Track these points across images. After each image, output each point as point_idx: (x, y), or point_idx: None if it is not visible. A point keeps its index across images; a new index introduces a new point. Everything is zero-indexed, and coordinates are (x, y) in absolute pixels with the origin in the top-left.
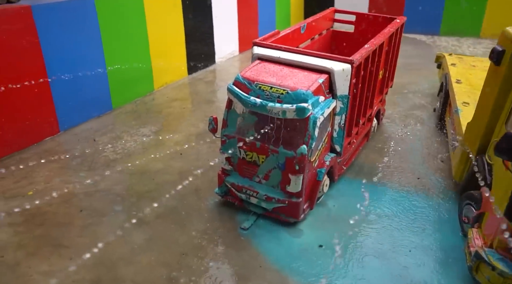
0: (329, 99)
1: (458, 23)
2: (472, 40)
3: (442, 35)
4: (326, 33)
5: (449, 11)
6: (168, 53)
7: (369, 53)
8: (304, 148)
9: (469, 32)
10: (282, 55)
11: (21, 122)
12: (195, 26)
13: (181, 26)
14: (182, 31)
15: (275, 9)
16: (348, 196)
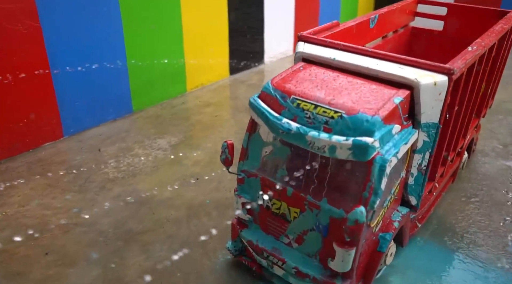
0: (408, 130)
1: None
2: None
3: None
4: (403, 31)
5: None
6: (207, 49)
7: (475, 59)
8: (360, 212)
9: None
10: (340, 57)
11: (15, 124)
12: (242, 18)
13: (224, 17)
14: (226, 23)
15: (340, 2)
16: (422, 272)
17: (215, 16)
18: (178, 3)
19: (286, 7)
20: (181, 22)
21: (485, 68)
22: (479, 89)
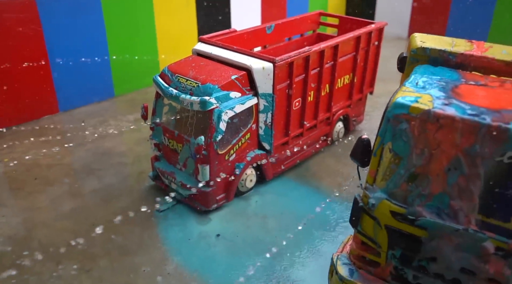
0: (247, 96)
1: (508, 31)
2: None
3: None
4: (310, 35)
5: (498, 20)
6: (177, 48)
7: (306, 55)
8: (200, 139)
9: None
10: (214, 52)
11: (23, 100)
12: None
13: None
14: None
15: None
16: (276, 195)
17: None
18: (151, 10)
19: (252, 5)
20: (154, 25)
21: (333, 62)
22: (327, 77)
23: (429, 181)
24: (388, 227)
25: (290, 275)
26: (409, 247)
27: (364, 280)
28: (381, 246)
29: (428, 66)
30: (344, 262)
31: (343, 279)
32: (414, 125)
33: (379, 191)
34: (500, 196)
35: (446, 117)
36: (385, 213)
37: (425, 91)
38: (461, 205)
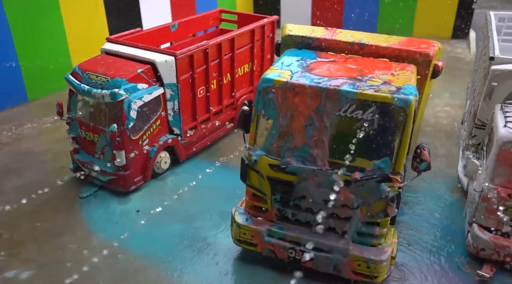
0: (153, 87)
1: (392, 24)
2: None
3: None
4: (214, 30)
5: (383, 13)
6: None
7: (205, 48)
8: (113, 126)
9: (403, 32)
10: (121, 49)
11: None
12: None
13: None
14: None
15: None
16: (189, 173)
17: (95, 22)
18: (59, 15)
19: (162, 4)
20: (64, 30)
21: (232, 53)
22: (227, 67)
23: (293, 137)
24: (269, 177)
25: (204, 234)
26: (286, 190)
27: (257, 223)
28: (266, 194)
29: (294, 50)
30: (240, 212)
31: (240, 225)
32: (278, 94)
33: (259, 150)
34: (345, 141)
35: (299, 85)
36: (265, 166)
37: (287, 68)
38: (317, 152)
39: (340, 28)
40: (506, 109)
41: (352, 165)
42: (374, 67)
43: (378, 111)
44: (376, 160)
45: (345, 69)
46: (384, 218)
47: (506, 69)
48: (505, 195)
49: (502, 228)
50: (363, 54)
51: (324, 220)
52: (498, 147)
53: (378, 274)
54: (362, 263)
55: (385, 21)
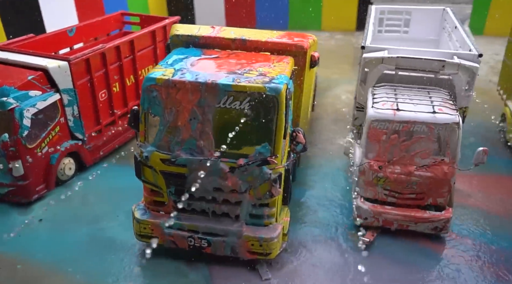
0: (48, 93)
1: (302, 19)
2: (314, 33)
3: (290, 29)
4: (118, 33)
5: (293, 10)
6: None
7: (101, 52)
8: (4, 136)
9: (312, 27)
10: (10, 57)
11: None
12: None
13: None
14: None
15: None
16: (97, 177)
17: None
18: None
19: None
20: None
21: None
22: (130, 68)
23: (180, 131)
24: (162, 172)
25: (109, 234)
26: (179, 183)
27: (155, 217)
28: (162, 188)
29: (182, 48)
30: (140, 208)
31: (139, 220)
32: (161, 92)
33: (150, 146)
34: (228, 131)
35: (180, 82)
36: (157, 161)
37: (171, 67)
38: (203, 143)
39: (254, 26)
40: (375, 92)
41: (238, 152)
42: (254, 60)
43: (254, 101)
44: (257, 146)
45: (226, 64)
46: (270, 198)
47: (374, 56)
48: (376, 168)
49: (379, 197)
50: (245, 49)
51: (217, 206)
52: (368, 125)
53: (270, 251)
54: (255, 242)
55: (295, 17)
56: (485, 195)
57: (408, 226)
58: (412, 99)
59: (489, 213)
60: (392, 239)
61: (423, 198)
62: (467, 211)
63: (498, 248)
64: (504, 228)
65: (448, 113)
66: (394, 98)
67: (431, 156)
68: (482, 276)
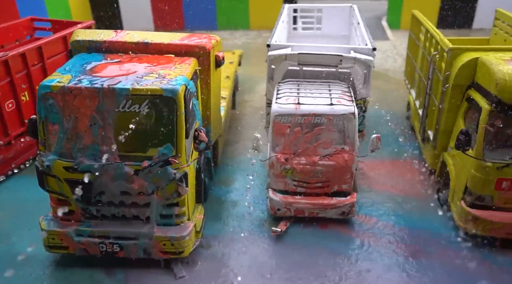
0: None
1: (230, 18)
2: (242, 32)
3: (220, 29)
4: (29, 39)
5: (220, 9)
6: None
7: (4, 60)
8: None
9: (241, 25)
10: None
11: None
12: None
13: None
14: None
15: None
16: (9, 191)
17: None
18: None
19: None
20: None
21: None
22: (22, 78)
23: (81, 137)
24: (67, 180)
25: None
26: (85, 189)
27: (63, 226)
28: (68, 196)
29: (83, 54)
30: (47, 219)
31: (47, 231)
32: (58, 99)
33: (51, 154)
34: (131, 134)
35: (76, 88)
36: (60, 170)
37: (68, 73)
38: (106, 148)
39: (182, 27)
40: (279, 88)
41: (144, 155)
42: (156, 63)
43: (152, 103)
44: (160, 147)
45: (127, 68)
46: (178, 197)
47: (278, 53)
48: (283, 160)
49: (289, 188)
50: (149, 52)
51: (126, 209)
52: (273, 120)
53: (183, 249)
54: (166, 242)
55: (223, 17)
56: (391, 178)
57: (318, 213)
58: (313, 93)
59: (394, 194)
60: (304, 227)
61: (329, 186)
62: (375, 194)
63: (401, 226)
64: (407, 207)
65: (344, 104)
66: (296, 93)
67: (333, 145)
68: (387, 252)
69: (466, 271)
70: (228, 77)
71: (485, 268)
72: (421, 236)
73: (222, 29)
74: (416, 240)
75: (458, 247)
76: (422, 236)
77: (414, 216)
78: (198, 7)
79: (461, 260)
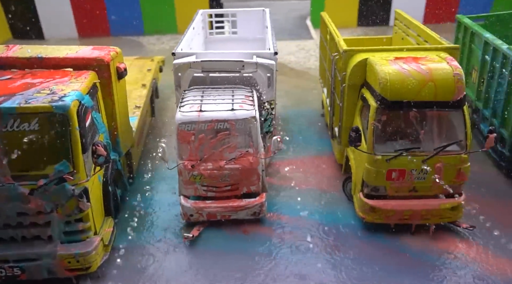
0: None
1: (157, 22)
2: (171, 36)
3: (147, 34)
4: None
5: (146, 14)
6: None
7: None
8: None
9: (168, 30)
10: None
11: None
12: None
13: None
14: None
15: None
16: None
17: None
18: None
19: None
20: None
21: None
22: None
23: None
24: None
25: None
26: None
27: None
28: None
29: None
30: None
31: None
32: None
33: None
34: (24, 154)
35: None
36: None
37: None
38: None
39: (108, 34)
40: (184, 96)
41: (41, 173)
42: (51, 78)
43: (44, 120)
44: (56, 164)
45: (17, 86)
46: (80, 213)
47: (182, 62)
48: (190, 167)
49: (200, 193)
50: (44, 67)
51: (26, 230)
52: (177, 128)
53: (90, 264)
54: (71, 259)
55: (150, 21)
56: (305, 174)
57: (230, 215)
58: (216, 99)
59: (307, 190)
60: (218, 230)
61: (238, 188)
62: (289, 191)
63: (313, 221)
64: (319, 202)
65: (246, 109)
66: (200, 100)
67: (237, 149)
68: (300, 248)
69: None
70: (144, 85)
71: (387, 254)
72: (331, 230)
73: (149, 34)
74: (328, 233)
75: (366, 237)
76: (333, 229)
77: (325, 210)
78: (123, 13)
79: (370, 249)
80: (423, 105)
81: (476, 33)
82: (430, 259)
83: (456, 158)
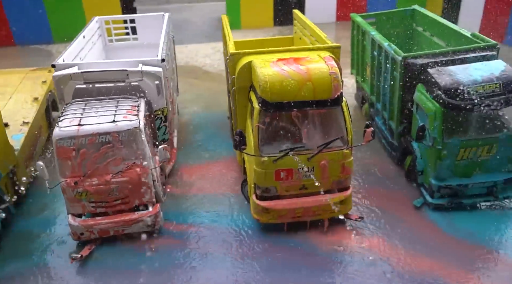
0: None
1: (67, 29)
2: None
3: (56, 42)
4: None
5: (53, 19)
6: None
7: None
8: None
9: None
10: None
11: None
12: None
13: None
14: None
15: None
16: None
17: None
18: None
19: None
20: None
21: None
22: None
23: None
24: None
25: None
26: None
27: None
28: None
29: None
30: None
31: None
32: None
33: None
34: None
35: None
36: None
37: None
38: None
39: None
40: (63, 110)
41: None
42: None
43: None
44: None
45: None
46: None
47: (61, 74)
48: (72, 184)
49: (88, 210)
50: None
51: None
52: (55, 144)
53: None
54: None
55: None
56: (208, 180)
57: (124, 230)
58: (98, 111)
59: (208, 195)
60: (113, 246)
61: (129, 201)
62: (191, 199)
63: (212, 226)
64: (220, 206)
65: (129, 120)
66: (80, 113)
67: (123, 161)
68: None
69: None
70: (36, 99)
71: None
72: (234, 234)
73: (60, 42)
74: (230, 238)
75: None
76: (235, 233)
77: (228, 214)
78: (27, 20)
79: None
80: (303, 105)
81: (365, 31)
82: (325, 252)
83: (339, 153)
